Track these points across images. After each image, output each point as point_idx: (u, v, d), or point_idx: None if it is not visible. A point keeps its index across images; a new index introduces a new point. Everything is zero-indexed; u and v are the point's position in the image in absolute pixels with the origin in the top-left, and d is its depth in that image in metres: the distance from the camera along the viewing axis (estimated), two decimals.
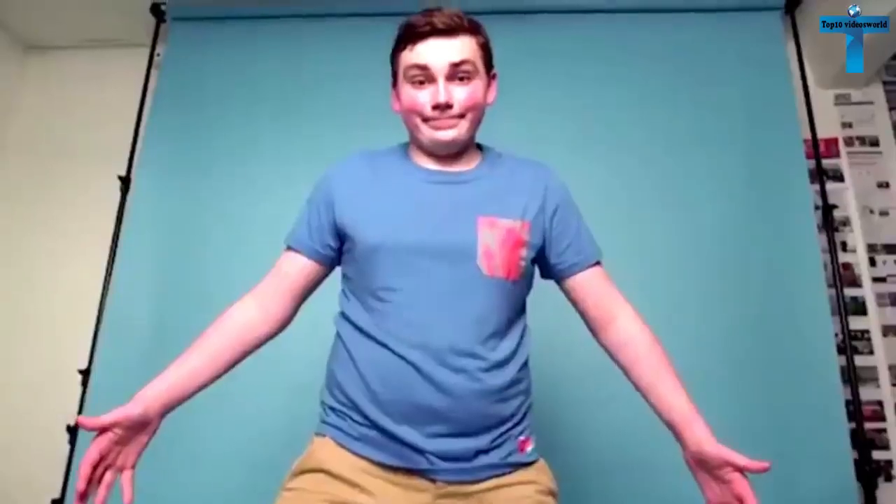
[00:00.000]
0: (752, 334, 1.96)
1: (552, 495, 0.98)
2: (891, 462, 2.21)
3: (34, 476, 2.22)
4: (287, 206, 1.18)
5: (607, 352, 1.05)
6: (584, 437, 1.89)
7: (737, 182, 2.10)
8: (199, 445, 1.96)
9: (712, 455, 0.87)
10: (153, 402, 0.91)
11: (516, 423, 0.96)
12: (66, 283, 2.42)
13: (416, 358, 0.90)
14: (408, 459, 0.90)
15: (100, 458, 0.85)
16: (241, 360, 1.02)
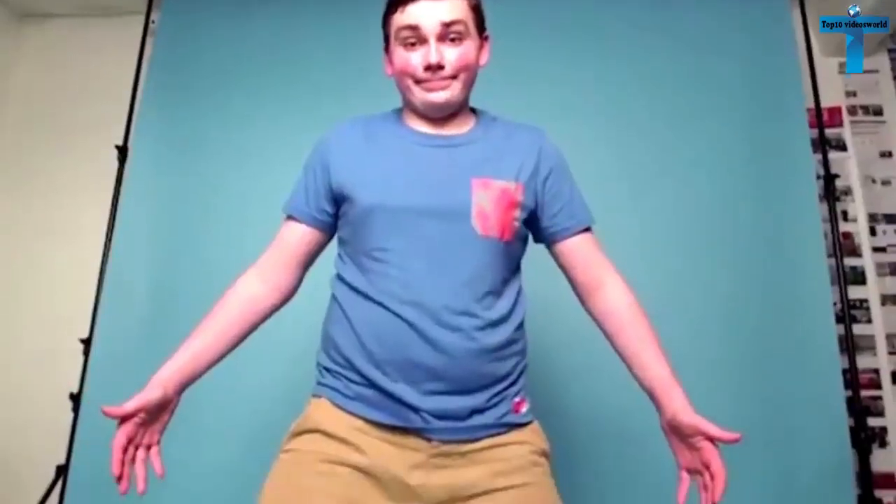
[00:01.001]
0: (752, 303, 1.96)
1: (545, 456, 0.99)
2: (885, 429, 2.23)
3: (39, 444, 2.26)
4: (286, 174, 1.18)
5: (593, 318, 1.06)
6: (577, 401, 1.90)
7: (739, 151, 2.09)
8: (198, 413, 1.96)
9: (686, 423, 0.89)
10: (170, 382, 0.94)
11: (511, 383, 0.97)
12: (65, 253, 2.43)
13: (411, 316, 0.91)
14: (403, 418, 0.91)
15: (128, 442, 0.90)
16: (249, 333, 1.05)
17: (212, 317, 1.02)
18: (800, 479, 1.84)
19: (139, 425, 0.90)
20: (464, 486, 0.91)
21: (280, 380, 1.83)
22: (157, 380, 0.93)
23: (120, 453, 0.88)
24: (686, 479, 0.92)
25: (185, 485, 1.92)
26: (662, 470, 1.84)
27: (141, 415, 0.90)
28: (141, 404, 0.89)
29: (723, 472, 0.86)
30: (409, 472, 0.90)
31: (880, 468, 2.13)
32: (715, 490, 0.85)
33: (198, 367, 0.98)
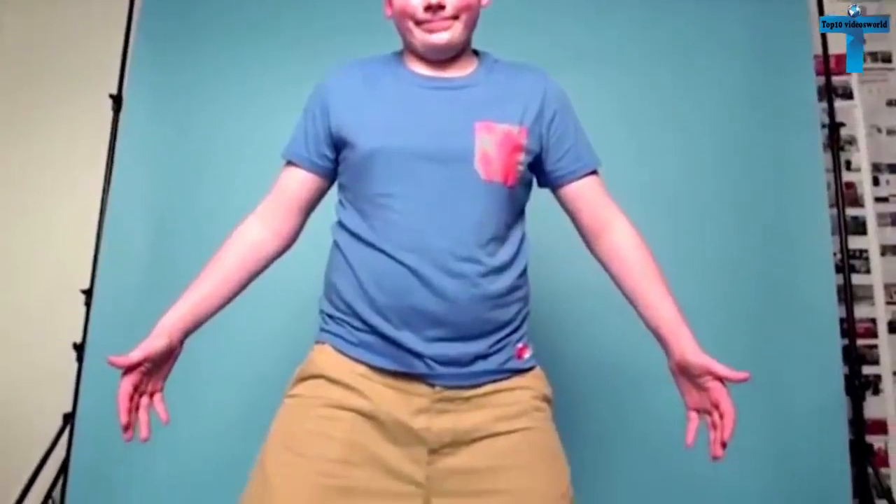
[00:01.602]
0: (752, 252, 1.97)
1: (547, 401, 1.01)
2: (879, 376, 2.26)
3: (45, 393, 2.29)
4: (285, 121, 1.15)
5: (599, 261, 1.05)
6: (580, 347, 1.93)
7: (743, 98, 2.06)
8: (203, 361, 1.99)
9: (695, 364, 0.89)
10: (173, 330, 0.95)
11: (514, 329, 0.97)
12: (64, 204, 2.41)
13: (413, 262, 0.90)
14: (406, 364, 0.91)
15: (134, 391, 0.91)
16: (252, 279, 1.05)
17: (214, 263, 1.02)
18: (794, 424, 1.88)
19: (144, 374, 0.91)
20: (466, 430, 0.92)
21: (283, 326, 1.84)
22: (160, 328, 0.94)
23: (126, 402, 0.89)
24: (695, 420, 0.93)
25: (190, 431, 1.96)
26: (664, 416, 1.89)
27: (146, 364, 0.90)
28: (146, 354, 0.90)
29: (732, 412, 0.87)
30: (413, 417, 0.91)
31: (873, 415, 2.18)
32: (724, 429, 0.87)
33: (201, 314, 0.99)
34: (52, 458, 2.15)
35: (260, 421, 0.98)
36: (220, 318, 2.05)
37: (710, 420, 0.90)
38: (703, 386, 0.90)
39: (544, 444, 0.96)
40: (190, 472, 1.94)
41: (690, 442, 0.92)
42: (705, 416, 0.92)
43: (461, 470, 0.92)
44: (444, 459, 0.92)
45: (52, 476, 2.19)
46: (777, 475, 1.88)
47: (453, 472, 0.92)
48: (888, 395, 2.26)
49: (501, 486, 0.91)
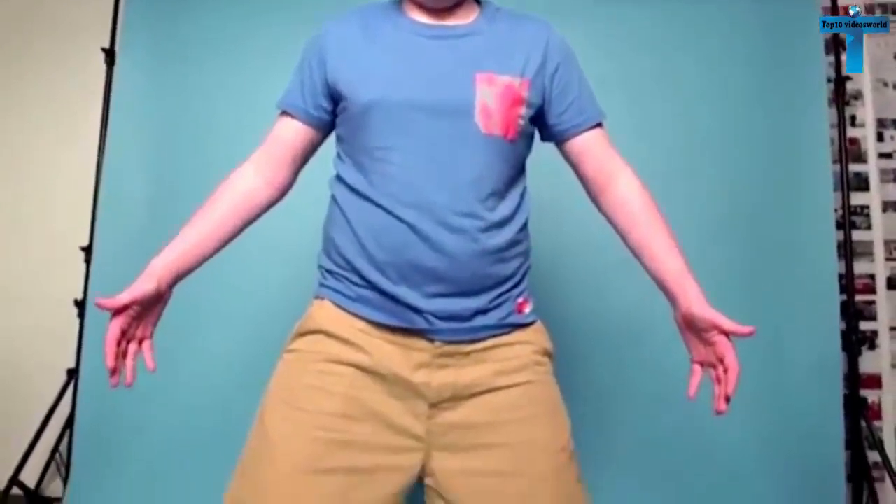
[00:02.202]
0: (753, 206, 1.96)
1: (548, 356, 1.01)
2: (876, 332, 2.28)
3: (49, 349, 2.31)
4: (284, 73, 1.13)
5: (605, 215, 1.04)
6: (581, 302, 1.94)
7: (747, 50, 2.02)
8: (202, 319, 2.02)
9: (701, 317, 0.89)
10: (163, 274, 0.94)
11: (515, 284, 0.97)
12: (60, 161, 2.40)
13: (412, 218, 0.89)
14: (406, 319, 0.91)
15: (121, 335, 0.90)
16: (244, 227, 1.03)
17: (206, 209, 1.00)
18: (790, 378, 1.90)
19: (132, 318, 0.91)
20: (467, 384, 0.92)
21: (283, 282, 1.84)
22: (149, 272, 0.93)
23: (114, 346, 0.89)
24: (698, 372, 0.94)
25: (191, 386, 1.99)
26: (665, 370, 1.93)
27: (134, 307, 0.90)
28: (134, 297, 0.89)
29: (737, 366, 0.87)
30: (413, 372, 0.91)
31: (868, 370, 2.20)
32: (728, 383, 0.87)
33: (191, 260, 0.98)
34: (58, 413, 2.18)
35: (260, 376, 0.99)
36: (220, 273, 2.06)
37: (715, 374, 0.90)
38: (708, 340, 0.90)
39: (545, 398, 0.97)
40: (192, 426, 1.97)
41: (692, 395, 0.93)
42: (709, 369, 0.92)
43: (461, 424, 0.92)
44: (444, 414, 0.92)
45: (58, 431, 2.23)
46: (773, 428, 1.91)
47: (453, 427, 0.92)
48: (884, 351, 2.28)
49: (501, 440, 0.92)
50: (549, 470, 0.93)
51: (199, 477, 1.44)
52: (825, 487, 1.90)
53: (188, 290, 2.09)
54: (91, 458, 2.04)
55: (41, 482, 2.31)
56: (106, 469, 2.02)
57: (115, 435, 2.03)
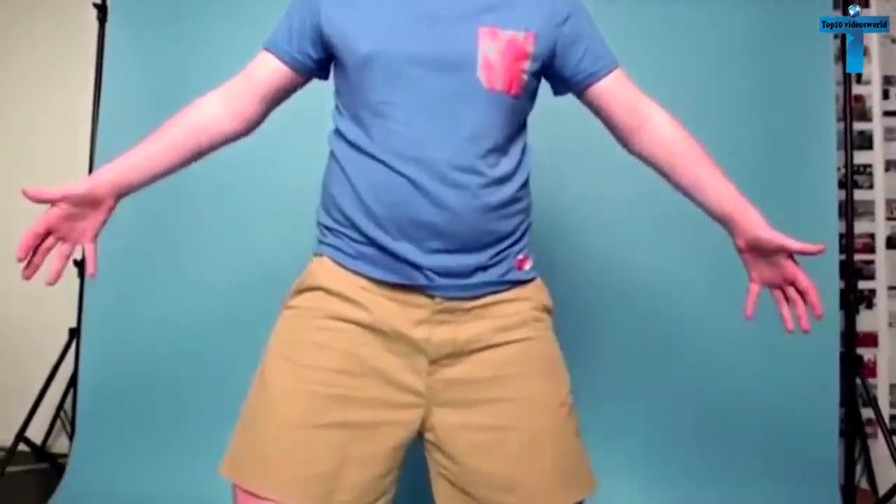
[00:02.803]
0: (756, 163, 1.94)
1: (547, 312, 1.01)
2: (874, 291, 2.29)
3: (51, 309, 2.31)
4: (276, 22, 1.10)
5: (641, 156, 1.02)
6: (581, 259, 1.94)
7: (752, 5, 1.97)
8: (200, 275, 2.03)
9: (767, 240, 0.91)
10: (102, 182, 0.93)
11: (515, 241, 0.96)
12: (54, 117, 2.38)
13: (412, 173, 0.88)
14: (406, 275, 0.91)
15: (46, 232, 0.90)
16: (201, 154, 1.01)
17: (164, 129, 0.99)
18: (786, 335, 1.91)
19: (63, 219, 0.90)
20: (466, 340, 0.93)
21: (282, 239, 1.84)
22: (89, 177, 0.93)
23: (30, 239, 0.89)
24: (755, 292, 0.96)
25: (192, 344, 2.01)
26: (663, 325, 1.94)
27: (64, 206, 0.90)
28: (63, 193, 0.89)
29: (812, 285, 0.91)
30: (413, 328, 0.91)
31: (864, 328, 2.22)
32: (814, 306, 0.92)
33: (139, 174, 0.96)
34: (61, 372, 2.21)
35: (261, 332, 0.99)
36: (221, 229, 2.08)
37: (784, 294, 0.94)
38: (775, 262, 0.92)
39: (544, 354, 0.98)
40: (193, 381, 2.00)
41: (750, 314, 0.96)
42: (775, 291, 0.95)
43: (461, 380, 0.93)
44: (444, 370, 0.93)
45: (62, 389, 2.26)
46: (768, 384, 1.94)
47: (453, 382, 0.93)
48: (881, 310, 2.30)
49: (501, 395, 0.93)
50: (549, 425, 0.94)
51: (201, 430, 1.47)
52: (819, 442, 1.94)
53: (190, 248, 2.10)
54: (95, 415, 2.07)
55: (47, 439, 2.35)
56: (110, 425, 2.05)
57: (118, 392, 2.05)
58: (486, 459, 0.92)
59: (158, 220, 2.03)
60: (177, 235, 2.06)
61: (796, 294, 0.92)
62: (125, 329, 2.07)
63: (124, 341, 2.06)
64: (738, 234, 0.95)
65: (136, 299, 2.06)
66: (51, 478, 2.10)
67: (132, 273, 2.05)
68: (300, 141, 1.08)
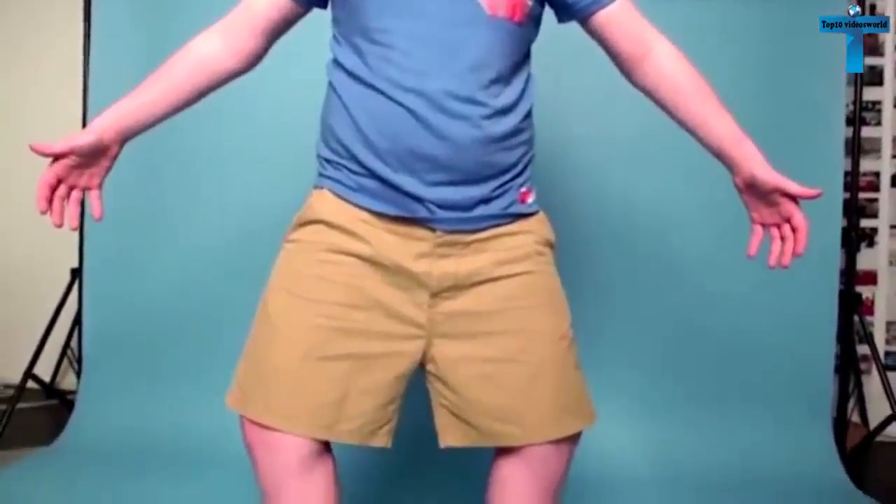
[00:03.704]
0: (762, 100, 1.91)
1: (550, 246, 1.00)
2: (876, 230, 2.29)
3: (52, 249, 2.32)
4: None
5: (644, 89, 1.00)
6: (584, 192, 1.93)
7: None
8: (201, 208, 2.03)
9: (765, 180, 0.89)
10: (107, 129, 0.92)
11: (518, 173, 0.95)
12: (48, 60, 2.34)
13: (412, 103, 0.86)
14: (407, 208, 0.90)
15: (57, 182, 0.90)
16: (204, 93, 0.99)
17: (162, 71, 0.97)
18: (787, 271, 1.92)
19: (72, 167, 0.90)
20: (468, 273, 0.92)
21: (283, 176, 1.82)
22: (93, 125, 0.92)
23: (45, 190, 0.89)
24: (759, 232, 0.95)
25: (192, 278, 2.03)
26: (664, 258, 1.95)
27: (73, 157, 0.89)
28: (70, 146, 0.88)
29: (806, 224, 0.89)
30: (414, 261, 0.91)
31: (864, 266, 2.23)
32: (798, 242, 0.90)
33: (142, 118, 0.95)
34: (66, 311, 2.23)
35: (262, 264, 0.99)
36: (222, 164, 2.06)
37: (779, 232, 0.92)
38: (773, 202, 0.91)
39: (545, 288, 0.97)
40: (196, 316, 2.03)
41: (753, 252, 0.94)
42: (771, 228, 0.94)
43: (462, 312, 0.93)
44: (445, 303, 0.93)
45: (68, 328, 2.29)
46: (767, 320, 1.96)
47: (454, 315, 0.93)
48: (882, 248, 2.30)
49: (502, 328, 0.93)
50: (549, 357, 0.95)
51: (207, 365, 1.49)
52: (814, 377, 1.97)
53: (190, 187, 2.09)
54: (101, 353, 2.10)
55: (55, 377, 2.40)
56: (116, 362, 2.08)
57: (123, 329, 2.08)
58: (487, 390, 0.93)
59: (152, 159, 2.01)
60: (176, 175, 2.05)
61: (789, 231, 0.91)
62: (127, 269, 2.08)
63: (127, 280, 2.08)
64: (736, 174, 0.94)
65: (136, 239, 2.06)
66: (61, 414, 2.15)
67: (132, 213, 2.04)
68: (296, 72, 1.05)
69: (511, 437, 0.95)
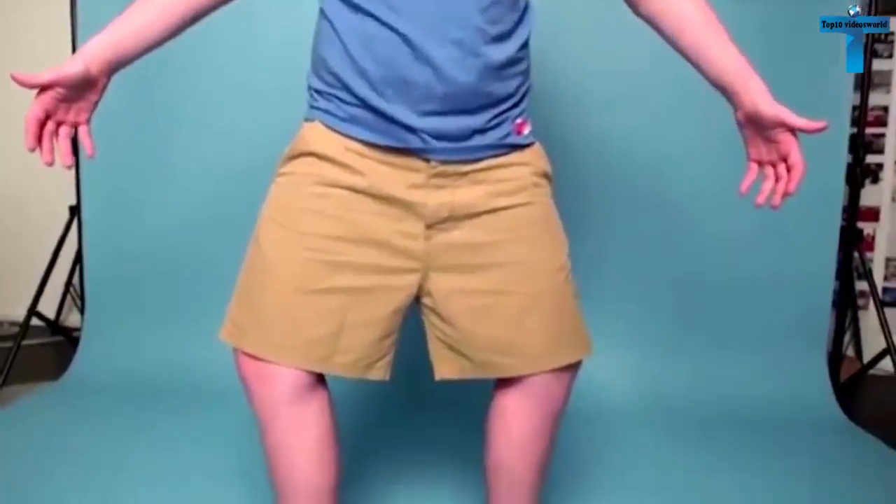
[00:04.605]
0: (769, 33, 1.85)
1: (546, 178, 0.99)
2: (881, 165, 2.26)
3: (50, 188, 2.32)
4: None
5: (649, 21, 0.96)
6: (582, 125, 1.90)
7: None
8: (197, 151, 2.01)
9: (767, 114, 0.85)
10: (94, 59, 0.86)
11: (514, 104, 0.92)
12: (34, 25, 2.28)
13: (405, 29, 0.82)
14: (400, 139, 0.87)
15: (45, 115, 0.85)
16: (195, 17, 0.93)
17: None
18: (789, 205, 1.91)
19: (59, 101, 0.85)
20: (463, 205, 0.91)
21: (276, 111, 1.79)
22: (79, 54, 0.86)
23: (34, 126, 0.84)
24: (754, 170, 0.92)
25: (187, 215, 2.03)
26: (662, 191, 1.93)
27: (59, 90, 0.84)
28: (56, 77, 0.82)
29: (803, 164, 0.85)
30: (408, 192, 0.89)
31: (867, 202, 2.21)
32: (791, 180, 0.86)
33: (131, 46, 0.89)
34: (67, 249, 2.23)
35: (257, 204, 0.97)
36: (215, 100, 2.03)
37: (774, 172, 0.89)
38: (773, 138, 0.87)
39: (542, 219, 0.96)
40: (195, 254, 2.04)
41: (745, 190, 0.91)
42: (767, 167, 0.90)
43: (458, 244, 0.92)
44: (440, 235, 0.92)
45: (69, 266, 2.30)
46: (767, 255, 1.96)
47: (450, 247, 0.92)
48: (886, 185, 2.28)
49: (499, 260, 0.93)
50: (547, 288, 0.95)
51: (206, 299, 1.50)
52: (812, 311, 1.99)
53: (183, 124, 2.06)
54: (103, 290, 2.12)
55: (59, 314, 2.43)
56: (118, 299, 2.11)
57: (124, 267, 2.10)
58: (483, 323, 0.93)
59: (144, 98, 1.99)
60: (171, 112, 2.02)
61: (784, 171, 0.87)
62: (125, 206, 2.08)
63: (125, 218, 2.08)
64: (738, 107, 0.90)
65: (133, 177, 2.05)
66: (67, 350, 2.18)
67: (128, 151, 2.02)
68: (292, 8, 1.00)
69: (508, 369, 0.95)
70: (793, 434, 1.80)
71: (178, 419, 1.77)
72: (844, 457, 1.70)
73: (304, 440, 0.93)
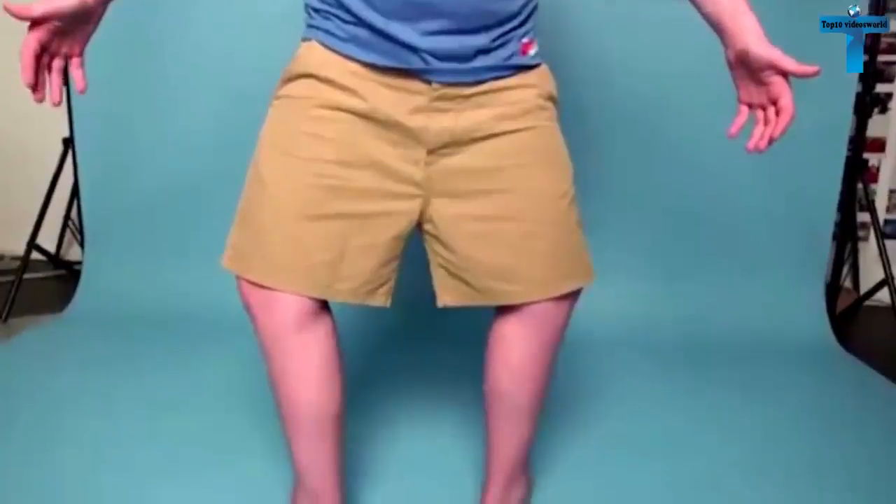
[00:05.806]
0: None
1: (552, 101, 0.96)
2: (890, 95, 2.21)
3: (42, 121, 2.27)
4: None
5: None
6: (588, 45, 1.86)
7: None
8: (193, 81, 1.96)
9: (758, 55, 0.82)
10: None
11: (520, 23, 0.88)
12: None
13: None
14: (401, 59, 0.84)
15: (41, 48, 0.81)
16: None
17: None
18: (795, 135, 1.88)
19: (53, 33, 0.81)
20: (467, 128, 0.89)
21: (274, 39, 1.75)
22: None
23: (31, 59, 0.80)
24: (744, 113, 0.90)
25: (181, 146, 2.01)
26: (670, 122, 1.90)
27: (54, 22, 0.80)
28: (50, 10, 0.79)
29: (791, 108, 0.83)
30: (410, 116, 0.87)
31: (874, 133, 2.17)
32: (778, 125, 0.84)
33: None
34: (63, 182, 2.21)
35: (254, 132, 0.95)
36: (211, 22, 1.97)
37: (763, 115, 0.87)
38: (764, 80, 0.84)
39: (547, 144, 0.94)
40: (192, 182, 2.02)
41: (734, 133, 0.90)
42: (758, 110, 0.88)
43: (461, 170, 0.90)
44: (443, 160, 0.90)
45: (67, 199, 2.28)
46: (770, 185, 1.94)
47: (453, 172, 0.90)
48: (894, 115, 2.24)
49: (502, 186, 0.91)
50: (550, 215, 0.93)
51: (206, 229, 1.49)
52: (812, 242, 1.99)
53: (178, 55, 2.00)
54: (101, 223, 2.12)
55: (60, 247, 2.43)
56: (117, 232, 2.10)
57: (121, 199, 2.08)
58: (485, 249, 0.93)
59: (140, 37, 1.93)
60: (166, 39, 1.96)
61: (773, 115, 0.85)
62: (119, 138, 2.04)
63: (119, 150, 2.05)
64: (729, 46, 0.87)
65: (126, 106, 2.01)
66: (69, 283, 2.19)
67: (120, 80, 1.97)
68: None
69: (509, 295, 0.95)
70: (788, 363, 1.84)
71: (181, 348, 1.80)
72: (838, 386, 1.73)
73: (309, 367, 0.93)
